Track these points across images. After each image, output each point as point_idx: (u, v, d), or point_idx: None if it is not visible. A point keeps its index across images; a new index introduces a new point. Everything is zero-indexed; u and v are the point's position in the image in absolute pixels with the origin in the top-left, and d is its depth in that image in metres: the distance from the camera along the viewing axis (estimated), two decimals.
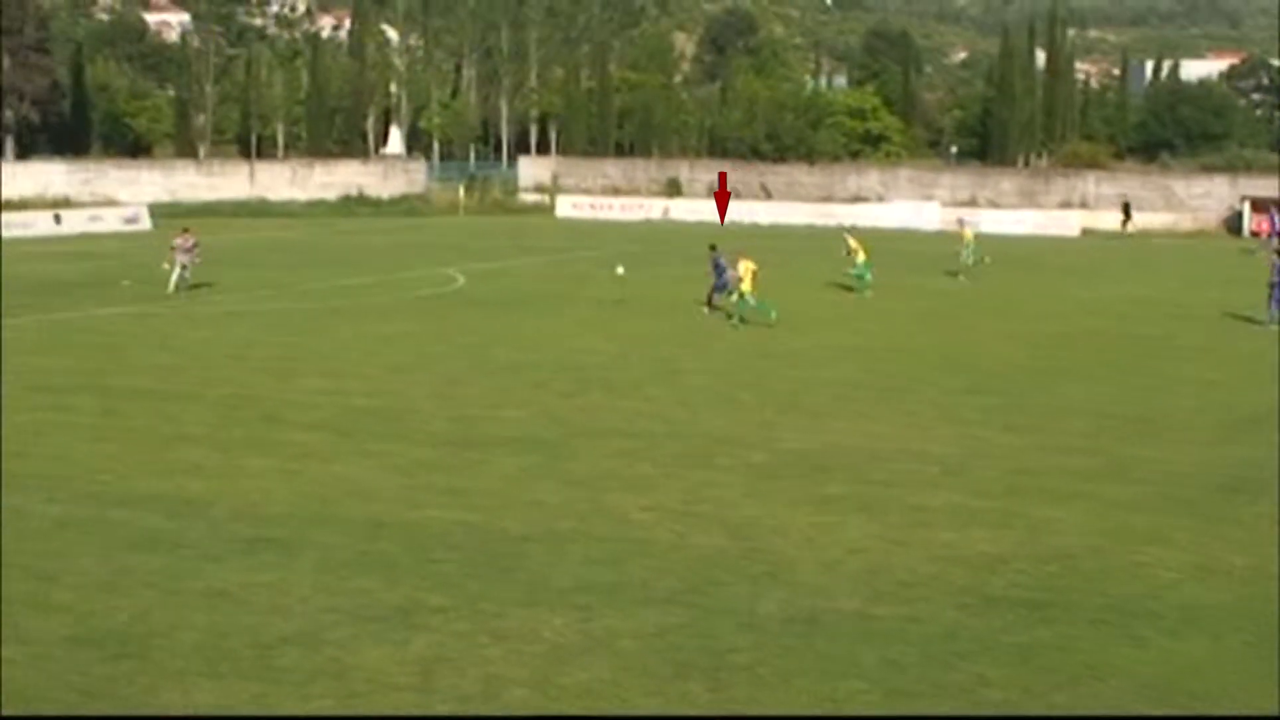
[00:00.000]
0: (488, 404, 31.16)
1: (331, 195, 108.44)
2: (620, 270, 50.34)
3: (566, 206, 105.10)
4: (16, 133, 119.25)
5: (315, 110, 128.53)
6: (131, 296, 51.06)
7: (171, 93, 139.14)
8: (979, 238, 66.09)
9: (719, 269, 47.79)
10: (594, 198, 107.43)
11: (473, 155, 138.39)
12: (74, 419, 29.18)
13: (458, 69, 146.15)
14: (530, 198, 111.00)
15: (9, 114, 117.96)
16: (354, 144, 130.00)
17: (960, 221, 70.12)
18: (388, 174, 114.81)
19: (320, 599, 17.71)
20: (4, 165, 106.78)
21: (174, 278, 51.34)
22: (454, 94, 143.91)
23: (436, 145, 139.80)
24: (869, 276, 54.02)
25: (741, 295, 45.05)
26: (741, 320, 44.86)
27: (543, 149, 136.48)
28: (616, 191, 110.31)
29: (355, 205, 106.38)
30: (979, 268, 62.65)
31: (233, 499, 22.71)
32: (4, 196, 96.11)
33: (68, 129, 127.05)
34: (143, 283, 54.08)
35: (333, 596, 17.81)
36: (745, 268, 45.33)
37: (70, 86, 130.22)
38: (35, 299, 50.48)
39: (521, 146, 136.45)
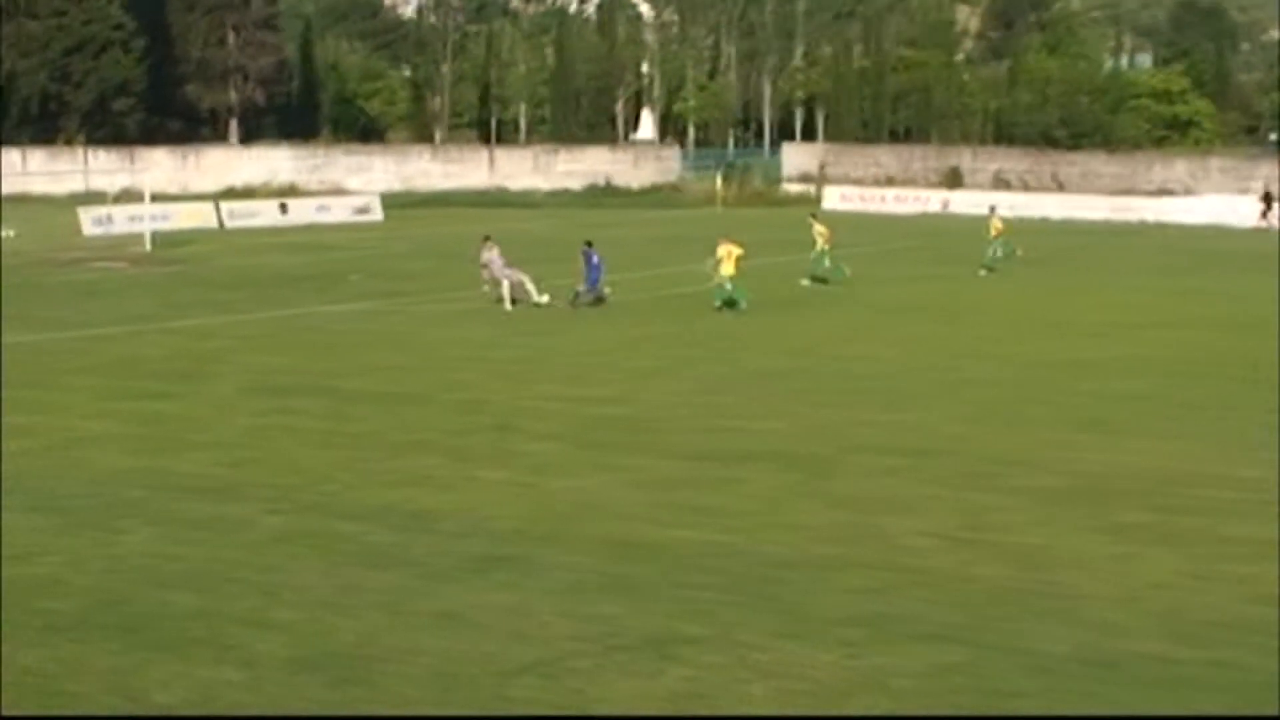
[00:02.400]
0: (744, 415, 31.10)
1: (577, 184, 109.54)
2: (546, 299, 48.44)
3: (834, 198, 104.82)
4: (241, 115, 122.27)
5: (561, 92, 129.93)
6: (361, 292, 52.01)
7: (406, 73, 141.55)
8: (1009, 227, 63.55)
9: (590, 266, 48.99)
10: (865, 189, 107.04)
11: (731, 141, 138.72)
12: (299, 423, 29.80)
13: (716, 47, 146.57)
14: (794, 188, 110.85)
15: (234, 95, 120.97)
16: (602, 129, 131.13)
17: (991, 209, 67.71)
18: (638, 162, 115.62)
19: (561, 625, 17.78)
20: (229, 151, 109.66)
21: (504, 292, 48.54)
22: (712, 74, 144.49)
23: (692, 130, 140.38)
24: (826, 265, 55.68)
25: (733, 279, 47.32)
26: (728, 305, 47.05)
27: (809, 135, 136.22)
28: (890, 182, 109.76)
29: (602, 195, 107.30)
30: (1009, 260, 61.02)
31: (467, 513, 22.94)
32: (229, 183, 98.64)
33: (295, 112, 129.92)
34: (372, 277, 55.03)
35: (575, 622, 17.86)
36: (727, 250, 47.31)
37: (299, 66, 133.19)
38: (260, 293, 51.77)
39: (785, 132, 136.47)
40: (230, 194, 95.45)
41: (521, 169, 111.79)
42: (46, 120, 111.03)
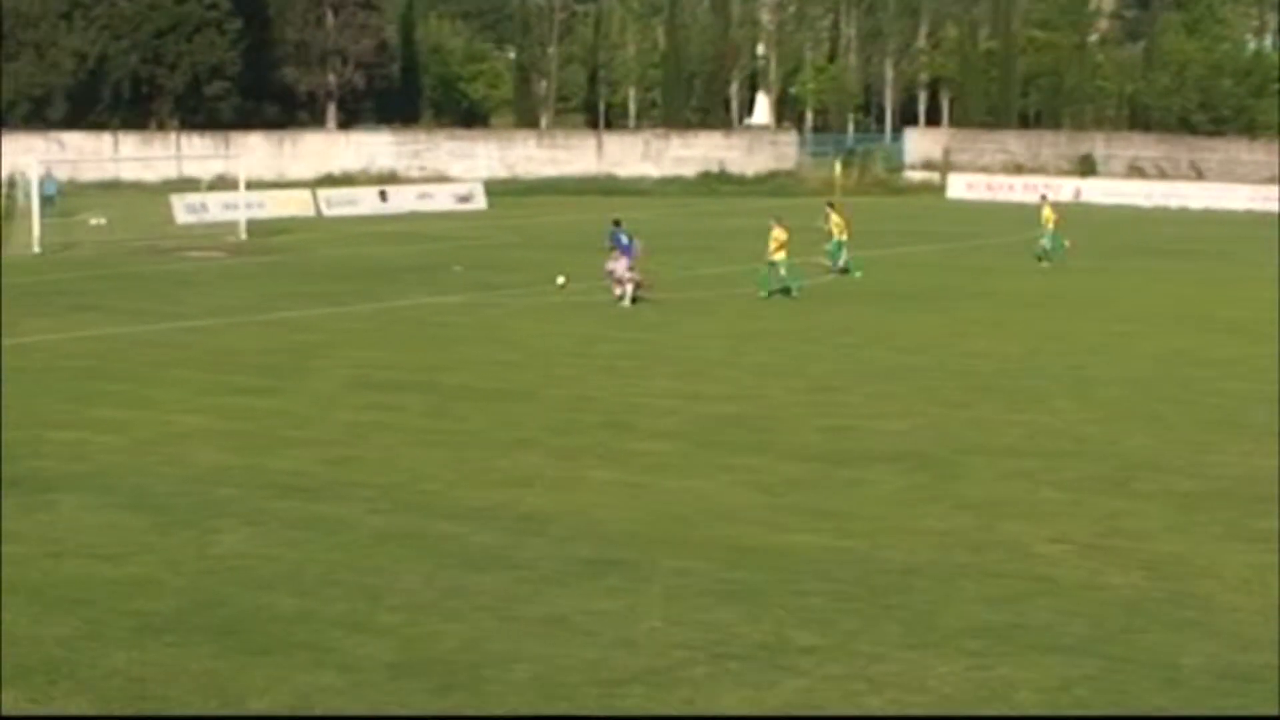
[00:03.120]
0: (865, 413, 31.11)
1: (689, 171, 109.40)
2: (560, 280, 49.99)
3: (960, 186, 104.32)
4: (340, 99, 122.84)
5: (672, 74, 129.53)
6: (464, 284, 52.26)
7: (511, 55, 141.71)
8: (1060, 217, 62.22)
9: (621, 247, 49.33)
10: (992, 176, 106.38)
11: (851, 126, 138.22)
12: (400, 420, 30.04)
13: (835, 27, 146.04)
14: (917, 176, 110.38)
15: (333, 78, 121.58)
16: (715, 113, 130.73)
17: (1043, 197, 66.85)
18: (753, 147, 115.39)
19: (672, 632, 17.88)
20: (327, 136, 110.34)
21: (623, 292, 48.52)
22: (831, 56, 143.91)
23: (810, 115, 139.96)
24: (845, 255, 55.67)
25: (771, 265, 48.55)
26: (784, 292, 48.22)
27: (933, 119, 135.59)
28: (1019, 169, 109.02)
29: (716, 182, 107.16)
30: (1060, 254, 60.08)
31: (574, 515, 23.10)
32: (327, 170, 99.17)
33: (396, 96, 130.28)
34: (475, 268, 55.26)
35: (687, 630, 17.96)
36: (776, 236, 48.48)
37: (399, 48, 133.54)
38: (359, 285, 52.11)
39: (908, 117, 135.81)
40: (328, 181, 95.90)
41: (631, 155, 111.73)
42: (139, 104, 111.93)
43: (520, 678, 16.46)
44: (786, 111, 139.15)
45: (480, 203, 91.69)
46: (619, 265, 47.20)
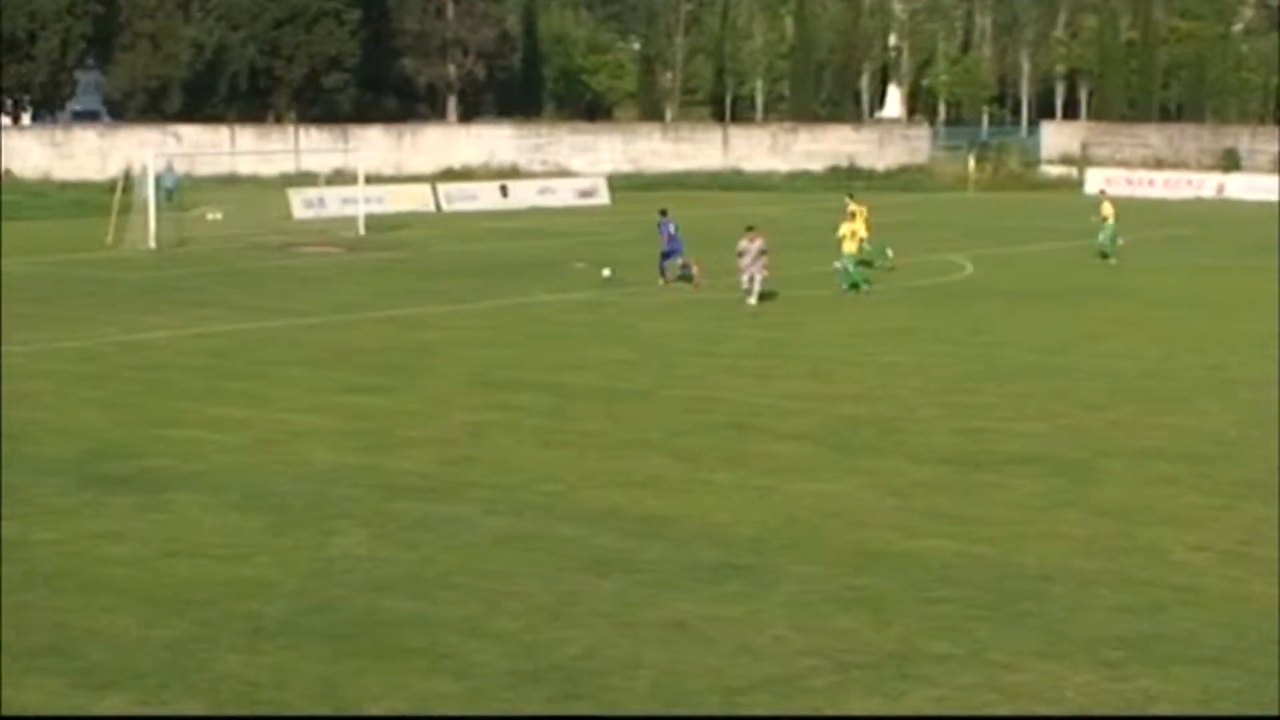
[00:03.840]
0: (999, 415, 30.90)
1: (817, 166, 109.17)
2: (607, 272, 51.79)
3: (1098, 182, 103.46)
4: (460, 92, 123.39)
5: (801, 66, 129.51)
6: (586, 281, 52.33)
7: (636, 46, 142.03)
8: (1118, 212, 61.31)
9: (666, 236, 51.44)
10: (1132, 171, 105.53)
11: (985, 120, 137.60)
12: (519, 419, 30.09)
13: (969, 17, 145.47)
14: (1054, 171, 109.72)
15: (453, 70, 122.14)
16: (845, 106, 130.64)
17: (1101, 191, 65.97)
18: (884, 141, 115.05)
19: (797, 639, 17.81)
20: (447, 129, 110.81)
21: (749, 285, 47.72)
22: (964, 47, 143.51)
23: (943, 108, 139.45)
24: (867, 249, 55.25)
25: (850, 259, 49.82)
26: (854, 287, 49.13)
27: (1070, 113, 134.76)
28: (1159, 164, 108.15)
29: (845, 177, 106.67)
30: (1116, 249, 59.37)
31: (697, 518, 23.05)
32: (446, 164, 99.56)
33: (517, 88, 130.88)
34: (598, 265, 55.36)
35: (812, 637, 17.88)
36: (847, 229, 50.31)
37: (521, 39, 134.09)
38: (478, 281, 52.37)
39: (1045, 110, 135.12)
40: (448, 175, 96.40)
41: (758, 149, 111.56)
42: (256, 97, 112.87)
43: (641, 685, 16.44)
44: (919, 104, 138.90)
45: (603, 198, 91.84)
46: (752, 247, 46.87)
